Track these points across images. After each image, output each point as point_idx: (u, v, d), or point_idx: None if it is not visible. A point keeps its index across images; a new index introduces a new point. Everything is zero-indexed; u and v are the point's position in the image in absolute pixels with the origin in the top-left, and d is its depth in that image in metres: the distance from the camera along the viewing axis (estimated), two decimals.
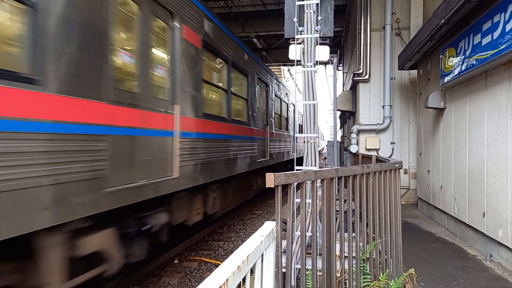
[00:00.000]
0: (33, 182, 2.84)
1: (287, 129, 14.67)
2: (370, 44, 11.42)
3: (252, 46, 19.69)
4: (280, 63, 26.01)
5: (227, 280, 1.74)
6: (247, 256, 2.14)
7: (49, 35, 3.04)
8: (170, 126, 5.09)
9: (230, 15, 16.92)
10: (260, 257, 2.47)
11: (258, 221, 9.58)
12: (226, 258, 6.17)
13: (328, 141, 14.34)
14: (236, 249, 6.59)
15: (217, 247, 7.23)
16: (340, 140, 18.78)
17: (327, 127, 58.38)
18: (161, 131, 4.85)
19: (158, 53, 5.03)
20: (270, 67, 14.86)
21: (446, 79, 7.17)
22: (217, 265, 6.04)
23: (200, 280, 5.47)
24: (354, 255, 3.49)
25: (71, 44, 3.28)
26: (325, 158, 24.10)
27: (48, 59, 3.03)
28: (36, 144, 2.89)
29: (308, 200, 3.46)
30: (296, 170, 4.34)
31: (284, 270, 2.87)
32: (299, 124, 17.66)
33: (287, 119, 14.84)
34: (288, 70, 32.99)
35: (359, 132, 11.59)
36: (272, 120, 11.83)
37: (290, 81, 33.09)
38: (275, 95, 12.40)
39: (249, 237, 7.35)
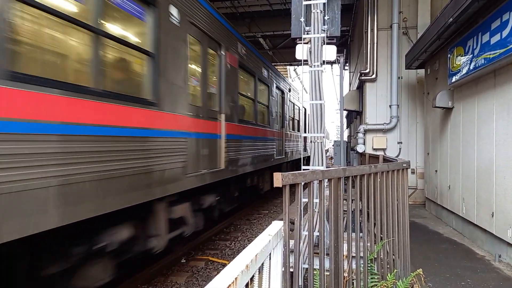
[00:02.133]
0: (165, 167, 4.65)
1: (298, 130, 15.89)
2: (377, 43, 11.37)
3: (258, 46, 19.70)
4: (286, 63, 25.99)
5: (236, 278, 1.75)
6: (256, 255, 2.15)
7: (162, 74, 4.65)
8: (218, 130, 6.64)
9: (237, 15, 16.93)
10: (268, 257, 2.48)
11: (264, 221, 9.59)
12: (233, 257, 6.20)
13: (335, 141, 14.31)
14: (243, 248, 6.58)
15: (224, 246, 7.25)
16: (346, 140, 18.72)
17: (333, 127, 58.15)
18: (213, 135, 6.39)
19: (212, 75, 6.56)
20: (276, 67, 14.90)
21: (454, 78, 7.12)
22: (224, 265, 6.06)
23: (207, 279, 5.49)
24: (362, 255, 3.48)
25: (171, 78, 4.90)
26: (331, 158, 24.04)
27: (161, 89, 4.62)
28: (164, 145, 4.64)
29: (316, 200, 3.46)
30: (303, 169, 4.34)
31: (291, 269, 2.87)
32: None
33: (298, 121, 16.02)
34: (294, 70, 32.96)
35: (366, 131, 11.55)
36: (287, 122, 12.98)
37: (296, 81, 33.05)
38: (289, 100, 13.62)
39: (255, 236, 7.32)
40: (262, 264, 2.38)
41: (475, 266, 5.34)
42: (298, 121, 15.43)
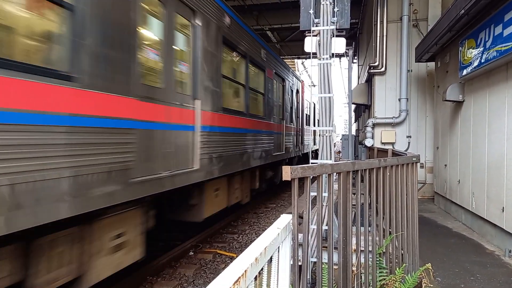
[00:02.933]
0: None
1: (309, 124, 16.96)
2: (386, 36, 11.23)
3: (266, 39, 19.59)
4: (294, 56, 25.83)
5: (245, 271, 1.75)
6: (265, 248, 2.15)
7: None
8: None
9: (244, 8, 16.83)
10: (277, 250, 2.48)
11: (272, 214, 9.61)
12: (241, 250, 6.24)
13: (343, 135, 14.23)
14: (250, 242, 6.61)
15: (231, 239, 7.28)
16: (354, 134, 18.61)
17: (341, 120, 57.84)
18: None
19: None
20: (284, 60, 14.87)
21: (465, 71, 7.01)
22: (231, 258, 6.10)
23: (215, 272, 5.53)
24: (370, 249, 3.47)
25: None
26: (339, 152, 23.93)
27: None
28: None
29: (324, 194, 3.45)
30: (312, 163, 4.32)
31: (299, 263, 2.87)
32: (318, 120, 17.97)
33: (309, 116, 16.84)
34: (302, 63, 32.74)
35: (374, 125, 11.46)
36: (300, 118, 14.04)
37: (303, 74, 32.85)
38: (306, 99, 15.35)
39: (263, 230, 7.35)
40: (271, 257, 2.38)
41: (484, 261, 5.30)
42: (309, 116, 15.48)
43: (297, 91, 13.69)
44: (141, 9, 4.13)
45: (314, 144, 18.13)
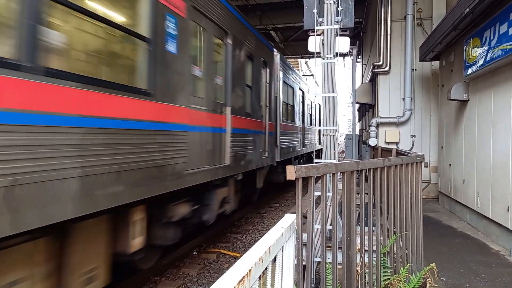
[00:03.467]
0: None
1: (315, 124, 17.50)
2: (390, 35, 11.19)
3: (269, 39, 19.57)
4: (297, 56, 25.80)
5: (249, 270, 1.75)
6: (269, 248, 2.15)
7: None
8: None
9: (248, 7, 16.82)
10: (281, 249, 2.48)
11: (275, 214, 9.60)
12: (244, 250, 6.24)
13: (347, 134, 14.22)
14: (254, 241, 6.61)
15: (235, 239, 7.28)
16: (358, 133, 18.57)
17: (344, 120, 57.66)
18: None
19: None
20: (287, 60, 14.94)
21: (470, 70, 6.97)
22: (235, 257, 6.10)
23: (218, 272, 5.53)
24: (375, 249, 3.46)
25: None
26: (342, 151, 23.91)
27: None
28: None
29: (329, 193, 3.44)
30: (315, 163, 4.32)
31: (303, 262, 2.87)
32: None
33: (314, 116, 17.42)
34: (306, 63, 32.69)
35: (378, 125, 11.42)
36: (306, 118, 14.81)
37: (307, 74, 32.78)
38: (310, 100, 16.10)
39: (267, 230, 7.35)
40: (275, 256, 2.38)
41: (489, 261, 5.27)
42: (314, 116, 15.73)
43: (304, 93, 15.08)
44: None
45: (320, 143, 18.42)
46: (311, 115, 16.52)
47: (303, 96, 14.18)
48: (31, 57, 2.62)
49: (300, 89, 13.51)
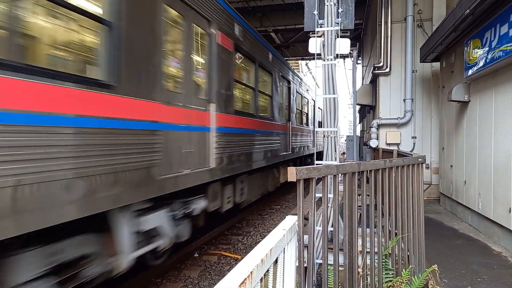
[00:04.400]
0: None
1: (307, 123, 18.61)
2: (391, 36, 11.18)
3: (269, 41, 19.59)
4: (298, 57, 25.80)
5: (251, 272, 1.75)
6: (270, 250, 2.14)
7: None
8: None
9: (248, 9, 16.84)
10: (282, 251, 2.47)
11: (276, 216, 9.59)
12: (246, 252, 6.22)
13: (347, 136, 14.22)
14: (255, 243, 6.60)
15: (236, 241, 7.27)
16: (359, 134, 18.55)
17: (345, 121, 57.67)
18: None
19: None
20: (288, 62, 15.14)
21: (471, 71, 6.97)
22: (236, 259, 6.09)
23: (219, 274, 5.52)
24: (376, 251, 3.45)
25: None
26: (343, 153, 23.88)
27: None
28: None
29: (330, 195, 3.43)
30: (317, 164, 4.31)
31: (305, 264, 2.86)
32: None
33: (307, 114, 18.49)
34: (306, 64, 32.71)
35: (379, 126, 11.41)
36: (314, 122, 16.88)
37: (307, 75, 32.80)
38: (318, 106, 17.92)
39: (268, 231, 7.33)
40: (277, 258, 2.38)
41: (491, 262, 5.25)
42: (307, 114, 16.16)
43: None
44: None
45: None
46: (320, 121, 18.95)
47: (314, 104, 16.99)
48: None
49: (313, 99, 16.55)
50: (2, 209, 2.45)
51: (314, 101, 16.93)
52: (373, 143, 11.31)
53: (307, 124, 14.89)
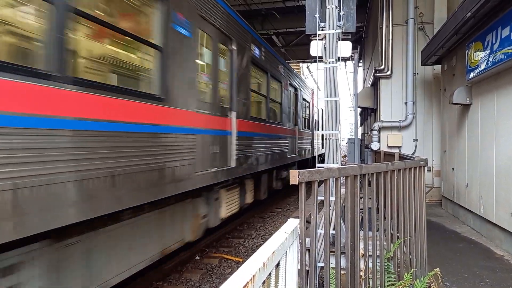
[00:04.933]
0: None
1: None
2: (392, 39, 11.20)
3: (271, 43, 19.62)
4: (299, 60, 25.84)
5: (253, 276, 1.74)
6: (272, 253, 2.14)
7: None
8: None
9: (249, 12, 16.88)
10: (284, 254, 2.47)
11: (277, 219, 9.57)
12: (247, 255, 6.19)
13: (349, 139, 14.22)
14: (257, 246, 6.59)
15: (237, 244, 7.26)
16: (360, 137, 18.55)
17: (346, 124, 57.69)
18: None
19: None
20: (289, 64, 15.17)
21: (472, 74, 6.96)
22: (237, 262, 6.07)
23: (221, 277, 5.51)
24: (378, 254, 3.44)
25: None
26: (344, 155, 23.85)
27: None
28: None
29: (332, 198, 3.42)
30: (318, 167, 4.30)
31: (307, 268, 2.85)
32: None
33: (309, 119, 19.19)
34: (307, 67, 32.73)
35: (380, 129, 11.41)
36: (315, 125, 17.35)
37: (308, 78, 32.82)
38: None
39: (269, 234, 7.31)
40: (278, 262, 2.37)
41: (493, 266, 5.23)
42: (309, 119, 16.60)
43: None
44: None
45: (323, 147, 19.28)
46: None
47: (318, 108, 17.81)
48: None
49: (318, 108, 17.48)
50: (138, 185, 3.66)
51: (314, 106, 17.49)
52: (374, 146, 11.31)
53: (309, 127, 15.44)
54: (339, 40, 5.17)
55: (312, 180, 2.64)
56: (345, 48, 5.09)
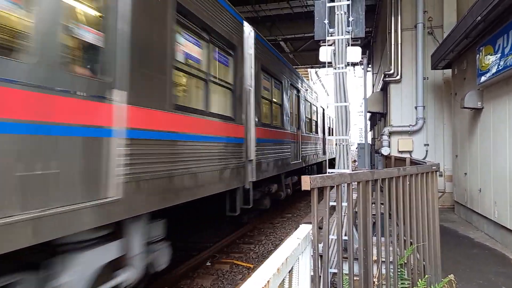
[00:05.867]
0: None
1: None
2: (401, 43, 11.16)
3: (279, 50, 19.69)
4: (307, 66, 25.86)
5: (268, 282, 1.75)
6: (286, 259, 2.14)
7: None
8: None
9: (258, 19, 16.99)
10: (297, 260, 2.47)
11: (288, 225, 9.54)
12: (258, 261, 6.15)
13: (359, 144, 14.15)
14: (267, 252, 6.55)
15: (248, 250, 7.25)
16: (370, 142, 18.44)
17: (355, 129, 57.34)
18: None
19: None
20: (297, 70, 15.28)
21: (483, 78, 6.90)
22: (248, 268, 6.07)
23: (232, 283, 5.51)
24: (391, 260, 3.41)
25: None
26: (354, 161, 23.73)
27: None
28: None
29: (344, 203, 3.42)
30: (329, 172, 4.30)
31: (320, 274, 2.84)
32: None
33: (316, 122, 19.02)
34: (316, 72, 32.75)
35: (390, 134, 11.33)
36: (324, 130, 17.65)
37: (317, 84, 32.83)
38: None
39: (279, 240, 7.28)
40: (292, 267, 2.37)
41: (509, 272, 5.13)
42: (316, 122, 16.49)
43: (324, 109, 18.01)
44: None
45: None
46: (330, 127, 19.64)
47: (323, 112, 17.61)
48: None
49: (322, 107, 17.10)
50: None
51: (323, 108, 17.47)
52: (385, 151, 11.23)
53: (316, 132, 15.47)
54: (348, 45, 5.19)
55: (324, 185, 2.65)
56: (355, 53, 5.10)
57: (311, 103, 14.04)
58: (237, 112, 6.32)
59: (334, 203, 3.03)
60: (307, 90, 13.18)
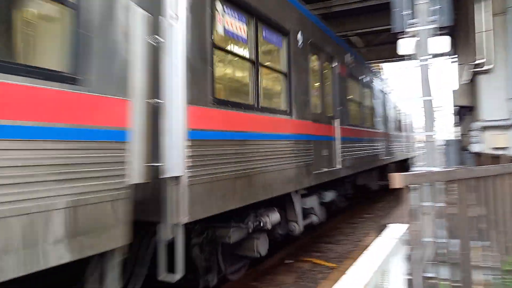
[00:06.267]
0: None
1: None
2: (492, 30, 10.16)
3: (350, 45, 19.18)
4: (381, 60, 24.71)
5: (365, 286, 1.73)
6: (380, 262, 2.09)
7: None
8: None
9: (329, 15, 16.69)
10: (390, 263, 2.39)
11: (367, 225, 9.23)
12: (338, 261, 6.04)
13: (446, 140, 13.24)
14: (347, 252, 6.43)
15: (327, 249, 7.16)
16: (457, 138, 17.11)
17: (438, 125, 53.62)
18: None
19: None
20: (370, 65, 14.78)
21: None
22: (329, 268, 6.01)
23: (313, 282, 5.49)
24: (493, 266, 3.13)
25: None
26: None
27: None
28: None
29: (439, 204, 3.22)
30: (416, 171, 4.07)
31: (410, 276, 2.72)
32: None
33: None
34: (391, 68, 31.17)
35: (481, 129, 10.38)
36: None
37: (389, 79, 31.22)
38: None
39: (360, 240, 7.07)
40: (385, 270, 2.30)
41: None
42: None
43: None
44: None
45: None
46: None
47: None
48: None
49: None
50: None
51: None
52: (475, 148, 10.32)
53: (400, 130, 15.64)
54: (432, 35, 4.90)
55: (417, 183, 2.52)
56: (442, 43, 4.80)
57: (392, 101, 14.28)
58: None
59: (427, 203, 2.88)
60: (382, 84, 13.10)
